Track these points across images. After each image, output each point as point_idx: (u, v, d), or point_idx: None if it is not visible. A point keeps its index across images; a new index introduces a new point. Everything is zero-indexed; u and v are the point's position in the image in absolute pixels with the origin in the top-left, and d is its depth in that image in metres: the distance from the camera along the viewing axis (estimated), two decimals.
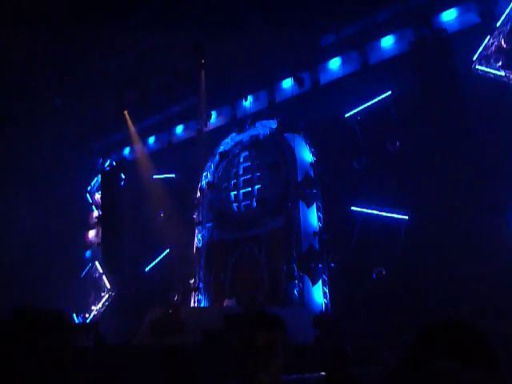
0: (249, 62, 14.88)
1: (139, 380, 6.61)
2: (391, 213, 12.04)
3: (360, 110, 13.31)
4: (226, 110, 17.59)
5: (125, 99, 17.70)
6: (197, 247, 15.98)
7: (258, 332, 2.02)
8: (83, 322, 17.54)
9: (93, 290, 18.68)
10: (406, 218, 11.77)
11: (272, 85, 16.26)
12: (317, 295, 12.97)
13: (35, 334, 1.26)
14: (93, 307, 18.37)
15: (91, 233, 20.49)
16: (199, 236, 16.08)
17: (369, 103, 13.17)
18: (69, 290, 18.96)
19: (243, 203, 15.46)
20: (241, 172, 15.88)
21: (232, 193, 15.78)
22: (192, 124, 18.20)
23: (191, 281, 15.44)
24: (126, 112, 18.31)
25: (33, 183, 17.73)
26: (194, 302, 15.15)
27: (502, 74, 11.29)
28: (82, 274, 19.19)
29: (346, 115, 13.43)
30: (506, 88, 11.02)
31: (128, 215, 18.37)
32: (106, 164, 20.31)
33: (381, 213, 12.19)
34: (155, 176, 17.49)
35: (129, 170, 19.37)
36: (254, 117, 16.12)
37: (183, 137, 18.63)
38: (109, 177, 19.71)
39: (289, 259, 13.54)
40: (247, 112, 16.53)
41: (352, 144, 13.38)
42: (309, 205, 13.96)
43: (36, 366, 1.20)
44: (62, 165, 18.58)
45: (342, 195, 13.04)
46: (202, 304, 15.06)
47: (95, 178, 20.85)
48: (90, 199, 20.79)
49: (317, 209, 13.92)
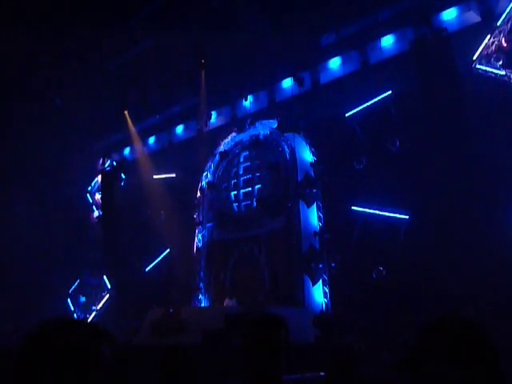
0: (249, 62, 14.88)
1: (140, 380, 6.61)
2: (392, 212, 12.02)
3: (360, 110, 13.29)
4: (226, 110, 17.58)
5: (125, 99, 17.69)
6: (197, 247, 15.96)
7: (262, 332, 2.00)
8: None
9: (93, 290, 18.68)
10: (407, 218, 11.75)
11: (272, 84, 16.24)
12: (317, 295, 12.96)
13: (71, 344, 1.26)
14: (93, 307, 18.38)
15: (92, 233, 20.47)
16: (199, 236, 16.06)
17: (369, 103, 13.15)
18: (68, 290, 19.03)
19: (243, 203, 15.44)
20: (241, 172, 15.85)
21: (232, 193, 15.76)
22: (192, 124, 18.20)
23: (191, 281, 15.42)
24: (126, 112, 18.31)
25: (33, 183, 17.74)
26: (195, 302, 15.15)
27: (503, 73, 11.27)
28: (83, 275, 19.18)
29: (347, 115, 13.41)
30: (507, 87, 11.00)
31: (128, 215, 18.37)
32: (107, 164, 20.31)
33: (381, 212, 12.18)
34: (155, 176, 17.51)
35: (129, 170, 19.37)
36: (254, 116, 16.09)
37: (183, 137, 18.63)
38: (109, 177, 19.71)
39: (289, 259, 13.52)
40: (247, 112, 16.51)
41: (352, 143, 13.38)
42: (309, 204, 13.94)
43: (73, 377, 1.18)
44: (63, 165, 18.60)
45: (343, 195, 13.04)
46: (203, 304, 15.05)
47: (95, 178, 20.85)
48: (91, 199, 20.80)
49: (317, 208, 13.91)
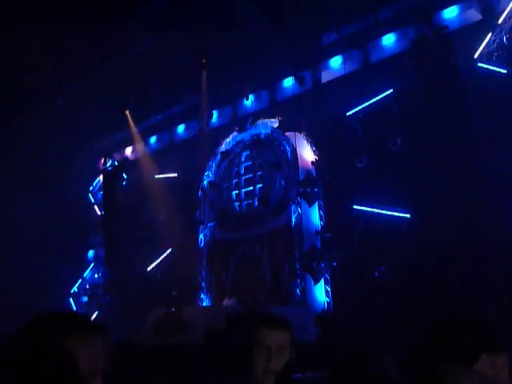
0: (250, 61, 14.85)
1: (141, 379, 6.61)
2: (393, 211, 11.99)
3: (361, 109, 13.26)
4: (228, 110, 17.56)
5: (126, 99, 17.70)
6: (199, 246, 15.97)
7: (269, 332, 1.98)
8: None
9: (95, 290, 18.70)
10: (409, 217, 11.73)
11: (273, 84, 16.23)
12: (319, 294, 12.95)
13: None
14: (95, 307, 18.39)
15: (93, 233, 20.50)
16: (201, 235, 16.07)
17: (370, 101, 13.11)
18: (70, 290, 19.06)
19: (245, 202, 15.43)
20: (242, 171, 15.84)
21: (234, 192, 15.76)
22: (193, 123, 18.20)
23: (193, 280, 15.43)
24: (128, 112, 18.32)
25: (34, 184, 17.76)
26: (196, 302, 15.15)
27: (505, 71, 11.24)
28: (85, 274, 19.22)
29: (348, 113, 13.37)
30: (509, 85, 10.96)
31: (130, 215, 18.38)
32: (108, 164, 20.33)
33: (383, 211, 12.15)
34: (157, 176, 17.50)
35: (130, 170, 19.38)
36: (256, 116, 16.07)
37: (185, 136, 18.63)
38: (111, 177, 19.72)
39: (291, 258, 13.51)
40: (248, 111, 16.50)
41: (354, 142, 13.35)
42: (311, 204, 13.93)
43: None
44: (64, 165, 18.62)
45: (344, 194, 13.02)
46: (204, 303, 15.05)
47: (97, 178, 20.88)
48: (92, 199, 20.83)
49: (319, 208, 13.90)
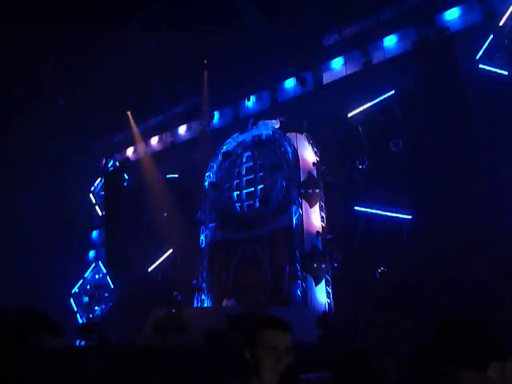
0: (251, 62, 14.87)
1: (142, 380, 6.61)
2: (394, 212, 11.98)
3: (363, 110, 13.26)
4: (229, 111, 17.59)
5: (127, 100, 17.72)
6: (200, 247, 15.97)
7: (278, 334, 1.99)
8: (86, 322, 17.59)
9: (96, 291, 18.72)
10: (410, 218, 11.72)
11: (274, 85, 16.25)
12: (320, 295, 12.94)
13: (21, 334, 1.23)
14: (96, 307, 18.41)
15: (95, 233, 20.55)
16: (202, 236, 16.07)
17: (372, 103, 13.12)
18: (71, 290, 19.08)
19: (246, 203, 15.44)
20: (243, 172, 15.85)
21: (235, 193, 15.77)
22: (195, 124, 18.22)
23: (194, 281, 15.43)
24: (129, 112, 18.34)
25: (36, 184, 17.79)
26: (197, 303, 15.15)
27: (506, 73, 11.23)
28: (86, 275, 19.24)
29: (349, 115, 13.37)
30: (510, 86, 10.96)
31: (131, 215, 18.39)
32: (109, 164, 20.35)
33: (384, 213, 12.13)
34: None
35: (132, 171, 19.41)
36: (257, 117, 16.09)
37: (186, 137, 18.66)
38: (112, 177, 19.75)
39: (292, 259, 13.50)
40: (250, 112, 16.52)
41: (355, 143, 13.35)
42: (312, 205, 13.93)
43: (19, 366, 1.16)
44: (66, 165, 18.66)
45: (345, 195, 13.02)
46: (205, 304, 15.05)
47: (98, 179, 20.92)
48: (94, 199, 20.86)
49: (320, 209, 13.89)
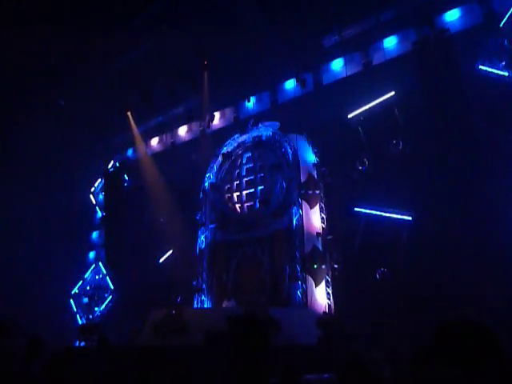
0: (251, 63, 14.88)
1: (142, 381, 6.61)
2: (395, 214, 11.98)
3: (363, 111, 13.27)
4: (229, 111, 17.60)
5: (128, 100, 17.73)
6: (200, 248, 15.97)
7: (252, 333, 2.06)
8: (86, 323, 17.59)
9: (96, 291, 18.72)
10: (410, 219, 11.72)
11: (275, 86, 16.26)
12: (320, 296, 12.93)
13: None
14: (96, 308, 18.41)
15: (95, 234, 20.55)
16: (202, 237, 16.07)
17: (372, 104, 13.13)
18: (71, 291, 19.06)
19: (246, 204, 15.44)
20: (244, 173, 15.85)
21: (235, 194, 15.76)
22: (195, 125, 18.23)
23: (194, 282, 15.42)
24: (129, 113, 18.35)
25: (36, 185, 17.77)
26: (197, 303, 15.14)
27: (506, 74, 11.25)
28: (86, 275, 19.24)
29: (349, 116, 13.39)
30: (510, 88, 10.97)
31: (131, 216, 18.40)
32: (110, 165, 20.37)
33: (384, 214, 12.13)
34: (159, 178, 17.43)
35: (132, 172, 19.41)
36: (257, 118, 16.10)
37: (186, 138, 18.66)
38: (112, 178, 19.77)
39: (292, 260, 13.49)
40: (250, 113, 16.52)
41: (355, 144, 13.35)
42: (312, 205, 13.92)
43: None
44: (66, 166, 18.65)
45: (345, 196, 13.02)
46: (205, 305, 15.04)
47: (99, 180, 20.92)
48: (94, 200, 20.87)
49: (320, 209, 13.88)
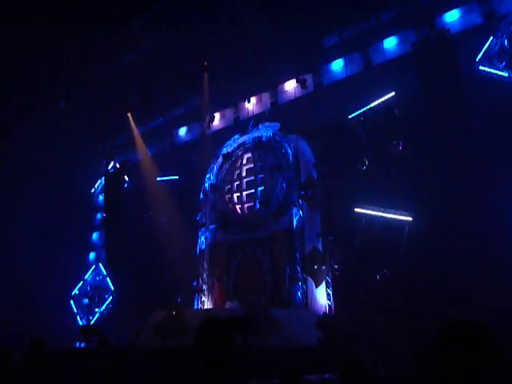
0: (251, 64, 14.88)
1: (142, 382, 6.62)
2: (395, 214, 11.97)
3: (363, 112, 13.27)
4: (229, 112, 17.59)
5: (128, 101, 17.73)
6: (200, 249, 15.98)
7: (215, 334, 2.10)
8: (86, 324, 17.60)
9: (96, 292, 18.71)
10: (410, 220, 11.72)
11: (275, 86, 16.25)
12: (320, 297, 12.93)
13: None
14: (96, 309, 18.40)
15: (95, 235, 20.54)
16: (202, 238, 16.08)
17: (372, 104, 13.13)
18: (71, 292, 19.06)
19: (246, 205, 15.44)
20: (244, 174, 15.86)
21: (235, 194, 15.77)
22: (195, 126, 18.22)
23: (194, 283, 15.43)
24: (130, 114, 18.35)
25: (36, 185, 17.79)
26: (198, 304, 15.15)
27: (506, 75, 11.25)
28: (86, 276, 19.23)
29: (349, 116, 13.38)
30: (510, 89, 10.97)
31: (132, 217, 18.40)
32: (110, 166, 20.37)
33: (384, 214, 12.13)
34: (159, 178, 17.49)
35: (132, 172, 19.41)
36: (257, 118, 16.11)
37: (186, 139, 18.66)
38: (112, 179, 19.76)
39: (292, 261, 13.51)
40: (250, 114, 16.53)
41: (355, 145, 13.35)
42: (312, 206, 13.93)
43: None
44: (66, 167, 18.66)
45: (346, 196, 13.01)
46: (206, 306, 15.04)
47: (99, 180, 20.92)
48: (94, 201, 20.86)
49: (320, 210, 13.88)
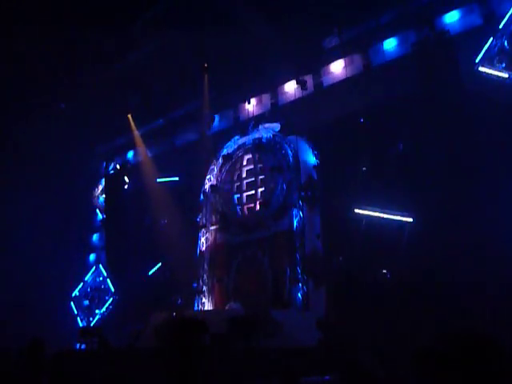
0: (251, 65, 14.90)
1: (142, 383, 6.61)
2: (395, 215, 11.97)
3: (363, 112, 13.26)
4: (229, 113, 17.60)
5: (128, 102, 17.75)
6: (200, 250, 15.98)
7: (176, 336, 2.20)
8: (87, 326, 17.59)
9: (96, 294, 18.71)
10: (411, 221, 11.72)
11: (275, 88, 16.25)
12: (320, 298, 12.92)
13: None
14: (97, 311, 18.40)
15: (95, 236, 20.55)
16: (203, 239, 16.08)
17: (372, 105, 13.12)
18: (71, 293, 19.06)
19: (247, 206, 15.45)
20: (244, 175, 15.86)
21: (235, 196, 15.77)
22: (195, 127, 18.22)
23: (195, 284, 15.43)
24: (130, 115, 18.37)
25: (36, 187, 17.79)
26: (198, 305, 15.14)
27: (506, 76, 11.25)
28: (86, 278, 19.23)
29: (349, 117, 13.39)
30: (510, 90, 10.97)
31: (132, 218, 18.40)
32: (110, 167, 20.38)
33: (385, 215, 12.13)
34: (159, 179, 17.50)
35: (132, 174, 19.42)
36: (257, 120, 16.12)
37: (186, 140, 18.65)
38: (113, 180, 19.78)
39: (292, 262, 13.51)
40: (250, 115, 16.54)
41: (355, 146, 13.35)
42: (312, 207, 13.93)
43: None
44: (66, 168, 18.68)
45: (346, 198, 13.00)
46: (206, 307, 15.04)
47: (99, 182, 20.92)
48: (94, 202, 20.86)
49: (320, 211, 13.89)
